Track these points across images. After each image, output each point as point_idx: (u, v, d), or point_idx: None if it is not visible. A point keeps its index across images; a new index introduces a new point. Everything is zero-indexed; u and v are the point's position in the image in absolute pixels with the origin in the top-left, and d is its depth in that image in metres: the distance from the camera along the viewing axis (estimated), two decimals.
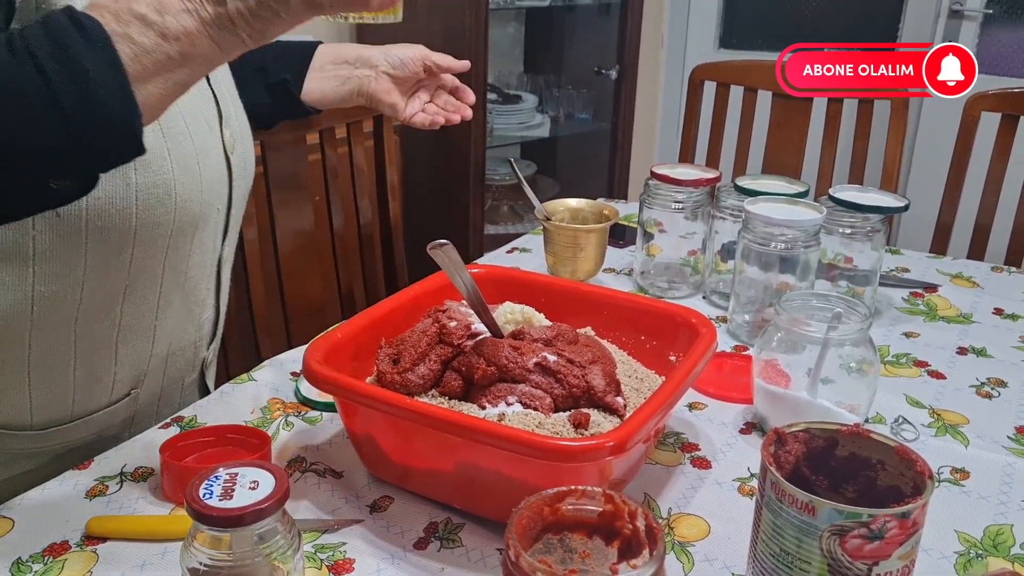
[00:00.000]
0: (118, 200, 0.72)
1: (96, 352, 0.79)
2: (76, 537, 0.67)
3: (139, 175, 0.73)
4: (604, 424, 0.71)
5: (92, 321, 0.77)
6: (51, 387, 0.78)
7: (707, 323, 0.81)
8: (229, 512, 0.52)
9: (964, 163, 1.55)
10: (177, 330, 0.87)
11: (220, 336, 0.98)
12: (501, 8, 2.62)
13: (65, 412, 0.80)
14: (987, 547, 0.69)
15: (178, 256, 0.81)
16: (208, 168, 0.81)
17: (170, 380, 0.89)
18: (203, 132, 0.81)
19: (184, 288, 0.84)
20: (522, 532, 0.51)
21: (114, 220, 0.72)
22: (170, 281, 0.82)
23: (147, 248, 0.76)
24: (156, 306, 0.82)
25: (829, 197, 1.08)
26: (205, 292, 0.89)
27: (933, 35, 2.81)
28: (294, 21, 0.61)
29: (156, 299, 0.81)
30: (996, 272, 1.31)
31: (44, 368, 0.77)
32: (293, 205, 1.31)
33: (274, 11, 0.59)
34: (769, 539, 0.55)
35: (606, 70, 2.79)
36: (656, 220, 1.19)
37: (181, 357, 0.89)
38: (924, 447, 0.83)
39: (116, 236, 0.73)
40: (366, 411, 0.71)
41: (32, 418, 0.79)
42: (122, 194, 0.72)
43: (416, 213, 2.35)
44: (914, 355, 1.02)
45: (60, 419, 0.81)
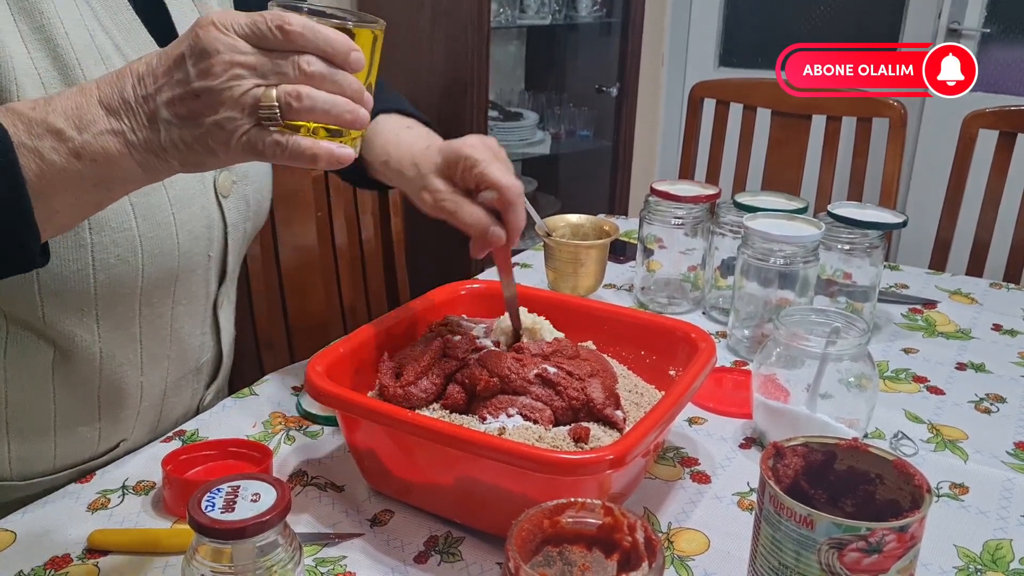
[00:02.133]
0: (71, 262, 0.68)
1: (76, 408, 0.77)
2: (78, 550, 0.68)
3: (94, 235, 0.69)
4: (604, 438, 0.72)
5: (67, 380, 0.75)
6: (29, 440, 0.76)
7: (706, 338, 0.81)
8: (231, 524, 0.52)
9: (962, 180, 1.56)
10: (169, 382, 0.84)
11: (224, 376, 0.95)
12: (503, 27, 2.64)
13: (48, 464, 0.78)
14: (986, 562, 0.69)
15: (157, 311, 0.77)
16: (189, 219, 0.76)
17: (163, 428, 0.87)
18: (184, 180, 0.75)
19: (171, 340, 0.81)
20: (522, 545, 0.51)
21: (69, 283, 0.69)
22: (151, 337, 0.78)
23: (113, 308, 0.73)
24: (140, 363, 0.78)
25: (828, 213, 1.09)
26: (200, 339, 0.85)
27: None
28: (230, 161, 0.56)
29: (138, 356, 0.78)
30: (995, 288, 1.31)
31: (21, 420, 0.75)
32: (296, 221, 1.32)
33: (211, 149, 0.54)
34: (768, 553, 0.55)
35: (607, 88, 2.80)
36: (656, 236, 1.19)
37: (174, 405, 0.87)
38: (923, 462, 0.83)
39: (74, 299, 0.70)
40: (367, 425, 0.71)
41: (11, 469, 0.77)
42: (74, 256, 0.68)
43: (418, 229, 2.35)
44: (913, 370, 1.03)
45: (43, 471, 0.78)
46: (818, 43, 1.14)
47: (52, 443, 0.77)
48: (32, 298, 0.69)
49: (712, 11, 3.27)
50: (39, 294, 0.69)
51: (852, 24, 3.05)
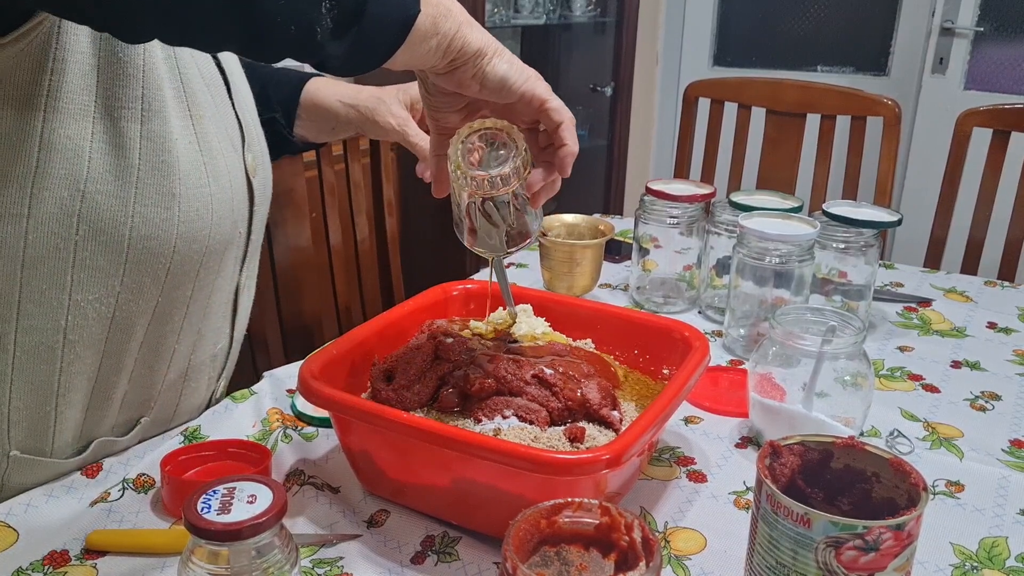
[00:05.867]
0: (162, 210, 0.71)
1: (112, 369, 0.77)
2: (76, 548, 0.68)
3: (181, 185, 0.72)
4: (599, 438, 0.72)
5: (118, 336, 0.75)
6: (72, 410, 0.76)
7: (700, 337, 0.81)
8: (227, 526, 0.52)
9: (956, 178, 1.56)
10: (192, 362, 0.85)
11: (231, 371, 0.96)
12: (498, 27, 2.64)
13: (77, 436, 0.78)
14: (982, 559, 0.69)
15: (206, 278, 0.80)
16: (237, 189, 0.80)
17: (181, 411, 0.88)
18: (230, 153, 0.80)
19: (206, 312, 0.83)
20: (519, 545, 0.51)
21: (157, 231, 0.71)
22: (197, 304, 0.81)
23: (183, 265, 0.75)
24: (180, 328, 0.80)
25: (823, 212, 1.09)
26: (221, 320, 0.88)
27: (925, 53, 2.84)
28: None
29: (181, 320, 0.80)
30: (989, 286, 1.32)
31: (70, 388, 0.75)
32: (290, 222, 1.32)
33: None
34: (765, 551, 0.55)
35: (601, 87, 2.81)
36: (652, 235, 1.19)
37: (193, 385, 0.88)
38: (919, 460, 0.83)
39: (157, 248, 0.72)
40: (361, 427, 0.71)
41: (53, 445, 0.76)
42: (167, 203, 0.71)
43: (412, 229, 2.35)
44: (908, 369, 1.03)
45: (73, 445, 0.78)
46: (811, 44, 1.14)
47: (87, 413, 0.77)
48: (121, 246, 0.70)
49: (706, 10, 3.28)
50: (128, 242, 0.70)
51: (846, 23, 3.05)
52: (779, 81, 1.75)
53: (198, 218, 0.74)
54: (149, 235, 0.71)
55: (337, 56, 0.57)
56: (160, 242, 0.72)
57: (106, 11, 0.54)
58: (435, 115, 0.70)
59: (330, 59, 0.58)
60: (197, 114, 0.76)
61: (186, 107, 0.75)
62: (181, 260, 0.75)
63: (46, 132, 0.65)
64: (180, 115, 0.74)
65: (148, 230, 0.71)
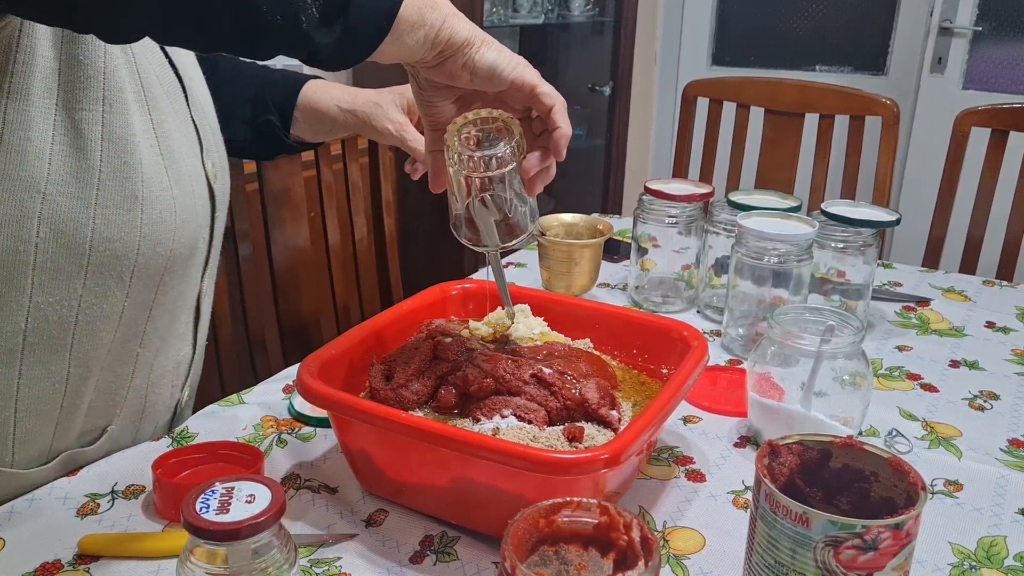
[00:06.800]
0: (124, 212, 0.71)
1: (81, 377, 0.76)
2: (68, 556, 0.67)
3: (144, 187, 0.72)
4: (598, 437, 0.72)
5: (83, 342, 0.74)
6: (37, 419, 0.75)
7: (699, 336, 0.81)
8: (226, 526, 0.52)
9: (955, 178, 1.56)
10: (155, 368, 0.84)
11: (195, 380, 0.95)
12: (496, 26, 2.64)
13: (44, 447, 0.77)
14: (980, 559, 0.69)
15: (170, 282, 0.79)
16: (199, 194, 0.80)
17: (146, 419, 0.86)
18: (191, 158, 0.80)
19: (171, 318, 0.82)
20: (518, 544, 0.51)
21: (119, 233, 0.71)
22: (160, 309, 0.80)
23: (147, 269, 0.75)
24: (143, 333, 0.79)
25: (821, 212, 1.09)
26: (184, 327, 0.87)
27: (923, 52, 2.85)
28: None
29: (144, 324, 0.79)
30: (988, 286, 1.32)
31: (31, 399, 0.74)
32: (288, 222, 1.32)
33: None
34: (764, 551, 0.55)
35: (600, 87, 2.81)
36: (650, 235, 1.19)
37: (158, 391, 0.86)
38: (917, 459, 0.83)
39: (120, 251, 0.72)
40: (360, 426, 0.71)
41: (14, 454, 0.75)
42: (129, 206, 0.71)
43: (411, 229, 2.35)
44: (907, 368, 1.03)
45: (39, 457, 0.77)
46: (810, 43, 1.14)
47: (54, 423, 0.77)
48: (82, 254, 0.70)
49: (705, 10, 3.28)
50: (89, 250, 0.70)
51: (844, 23, 3.06)
52: (778, 81, 1.75)
53: (162, 221, 0.74)
54: (111, 237, 0.71)
55: (325, 46, 0.58)
56: (123, 244, 0.72)
57: (91, 11, 0.54)
58: (428, 110, 0.70)
59: (318, 50, 0.58)
60: (158, 118, 0.75)
61: (147, 110, 0.74)
62: (146, 263, 0.74)
63: (6, 134, 0.65)
64: (142, 117, 0.73)
65: (110, 232, 0.71)
